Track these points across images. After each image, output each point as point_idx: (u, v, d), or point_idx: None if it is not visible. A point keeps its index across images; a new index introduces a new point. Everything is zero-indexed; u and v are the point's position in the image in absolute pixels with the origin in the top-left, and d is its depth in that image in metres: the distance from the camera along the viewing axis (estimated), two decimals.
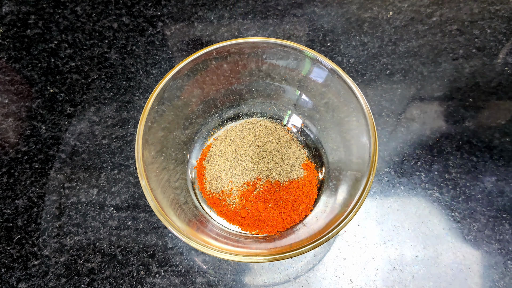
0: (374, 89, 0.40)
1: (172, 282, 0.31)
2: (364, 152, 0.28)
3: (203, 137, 0.36)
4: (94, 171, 0.36)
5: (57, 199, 0.34)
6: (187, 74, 0.31)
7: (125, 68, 0.42)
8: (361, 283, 0.31)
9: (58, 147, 0.37)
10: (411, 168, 0.36)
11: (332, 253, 0.32)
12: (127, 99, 0.40)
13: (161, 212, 0.25)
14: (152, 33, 0.44)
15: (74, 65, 0.42)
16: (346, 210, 0.25)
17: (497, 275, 0.31)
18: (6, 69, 0.41)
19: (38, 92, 0.40)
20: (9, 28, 0.44)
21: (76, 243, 0.32)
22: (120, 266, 0.31)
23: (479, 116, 0.39)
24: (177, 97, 0.31)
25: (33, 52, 0.43)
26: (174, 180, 0.31)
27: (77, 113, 0.39)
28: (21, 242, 0.32)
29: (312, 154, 0.35)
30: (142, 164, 0.26)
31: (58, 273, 0.31)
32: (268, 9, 0.46)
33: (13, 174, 0.35)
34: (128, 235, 0.33)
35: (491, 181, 0.35)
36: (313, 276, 0.31)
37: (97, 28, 0.44)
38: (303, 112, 0.36)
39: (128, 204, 0.34)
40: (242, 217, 0.32)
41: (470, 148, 0.37)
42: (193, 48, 0.43)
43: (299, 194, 0.32)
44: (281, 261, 0.32)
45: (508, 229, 0.33)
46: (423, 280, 0.31)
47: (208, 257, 0.32)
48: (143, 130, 0.27)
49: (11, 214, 0.34)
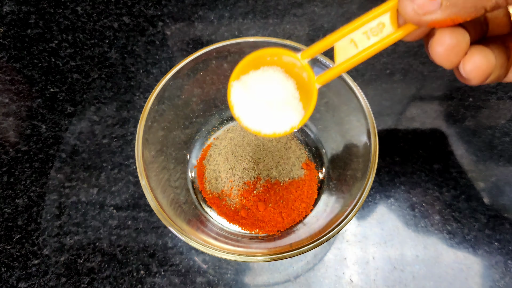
0: (374, 88, 0.40)
1: (172, 282, 0.31)
2: (364, 151, 0.28)
3: (203, 137, 0.36)
4: (94, 170, 0.36)
5: (57, 199, 0.34)
6: (187, 73, 0.31)
7: (126, 68, 0.42)
8: (362, 282, 0.31)
9: (58, 147, 0.37)
10: (411, 167, 0.36)
11: (332, 253, 0.32)
12: (127, 99, 0.40)
13: (161, 212, 0.25)
14: (152, 32, 0.44)
15: (74, 64, 0.42)
16: (346, 209, 0.25)
17: (498, 274, 0.31)
18: (6, 69, 0.41)
19: (39, 92, 0.40)
20: (10, 28, 0.44)
21: (76, 243, 0.32)
22: (120, 265, 0.31)
23: (479, 116, 0.39)
24: (177, 97, 0.31)
25: (33, 51, 0.43)
26: (174, 179, 0.31)
27: (78, 113, 0.39)
28: (21, 241, 0.32)
29: (313, 154, 0.35)
30: (142, 163, 0.26)
31: (58, 273, 0.31)
32: (268, 9, 0.46)
33: (13, 173, 0.36)
34: (128, 234, 0.33)
35: (492, 180, 0.35)
36: (313, 275, 0.31)
37: (97, 28, 0.44)
38: None
39: (128, 203, 0.34)
40: (242, 216, 0.32)
41: (470, 148, 0.37)
42: (194, 48, 0.43)
43: (299, 194, 0.32)
44: (281, 261, 0.32)
45: (508, 228, 0.33)
46: (424, 279, 0.31)
47: (208, 257, 0.32)
48: (143, 130, 0.27)
49: (11, 214, 0.34)
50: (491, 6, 0.16)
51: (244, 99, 0.22)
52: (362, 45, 0.20)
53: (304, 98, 0.23)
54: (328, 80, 0.22)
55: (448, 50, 0.18)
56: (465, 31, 0.18)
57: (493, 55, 0.19)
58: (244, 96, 0.22)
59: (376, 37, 0.20)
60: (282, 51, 0.22)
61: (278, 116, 0.22)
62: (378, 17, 0.20)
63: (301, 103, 0.23)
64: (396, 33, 0.20)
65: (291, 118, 0.22)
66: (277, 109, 0.22)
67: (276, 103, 0.22)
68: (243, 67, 0.22)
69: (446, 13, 0.17)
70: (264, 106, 0.22)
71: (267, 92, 0.22)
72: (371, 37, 0.20)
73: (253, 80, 0.22)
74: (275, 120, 0.22)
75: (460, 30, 0.18)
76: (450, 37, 0.18)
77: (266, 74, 0.22)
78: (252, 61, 0.22)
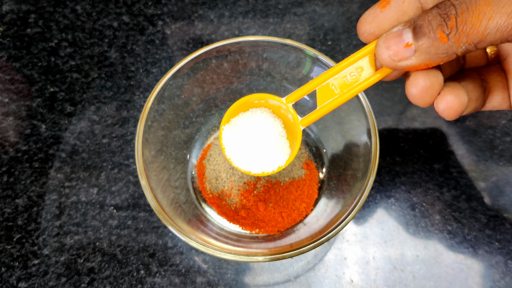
0: (375, 88, 0.40)
1: (172, 282, 0.31)
2: (365, 151, 0.28)
3: (203, 136, 0.36)
4: (94, 170, 0.36)
5: (57, 198, 0.34)
6: (187, 73, 0.30)
7: (125, 67, 0.42)
8: (362, 282, 0.31)
9: (58, 146, 0.37)
10: (412, 167, 0.36)
11: (332, 253, 0.32)
12: (127, 98, 0.40)
13: (161, 212, 0.25)
14: (152, 32, 0.44)
15: (74, 64, 0.42)
16: (346, 209, 0.25)
17: (498, 274, 0.31)
18: (6, 68, 0.41)
19: (38, 91, 0.40)
20: (9, 27, 0.44)
21: (76, 243, 0.32)
22: (120, 265, 0.31)
23: (480, 116, 0.39)
24: (177, 96, 0.31)
25: (33, 51, 0.42)
26: (174, 179, 0.31)
27: (77, 112, 0.39)
28: (21, 241, 0.32)
29: (313, 154, 0.35)
30: (142, 163, 0.26)
31: (58, 272, 0.31)
32: (269, 8, 0.46)
33: (13, 173, 0.35)
34: (128, 234, 0.33)
35: (492, 180, 0.35)
36: (313, 275, 0.31)
37: (97, 27, 0.44)
38: (303, 111, 0.36)
39: (128, 203, 0.34)
40: (242, 216, 0.32)
41: (470, 148, 0.37)
42: (193, 47, 0.43)
43: (299, 194, 0.32)
44: (282, 261, 0.32)
45: (508, 228, 0.33)
46: (424, 279, 0.31)
47: (208, 257, 0.32)
48: (143, 129, 0.27)
49: (11, 213, 0.34)
50: (462, 51, 0.17)
51: (234, 142, 0.24)
52: (342, 88, 0.22)
53: (290, 137, 0.25)
54: (311, 122, 0.23)
55: (422, 92, 0.19)
56: (438, 72, 0.19)
57: (465, 94, 0.20)
58: (234, 139, 0.24)
59: (355, 80, 0.21)
60: (268, 96, 0.24)
61: (267, 156, 0.24)
62: (356, 62, 0.21)
63: (288, 141, 0.25)
64: (374, 76, 0.21)
65: (278, 157, 0.24)
66: (266, 149, 0.24)
67: (264, 143, 0.24)
68: (233, 110, 0.24)
69: (420, 59, 0.18)
70: (253, 146, 0.24)
71: (256, 131, 0.24)
72: (350, 81, 0.21)
73: (243, 121, 0.24)
74: (263, 160, 0.24)
75: (433, 72, 0.19)
76: (424, 79, 0.19)
77: (255, 115, 0.24)
78: (241, 105, 0.24)
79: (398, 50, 0.18)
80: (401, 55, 0.18)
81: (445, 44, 0.17)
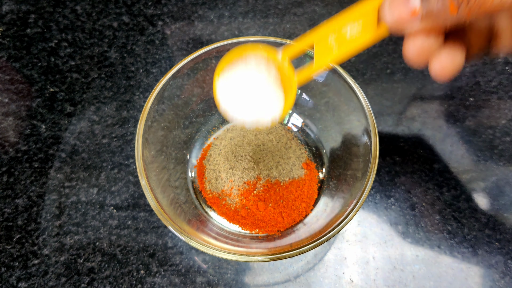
0: (375, 88, 0.40)
1: (172, 282, 0.31)
2: (364, 151, 0.28)
3: (203, 136, 0.36)
4: (94, 170, 0.36)
5: (57, 198, 0.34)
6: (187, 73, 0.30)
7: (125, 67, 0.42)
8: (362, 282, 0.31)
9: (58, 146, 0.37)
10: (411, 167, 0.36)
11: (332, 253, 0.32)
12: (127, 98, 0.40)
13: (161, 212, 0.25)
14: (152, 32, 0.44)
15: (74, 64, 0.42)
16: (346, 209, 0.25)
17: (498, 274, 0.31)
18: (6, 68, 0.41)
19: (38, 91, 0.40)
20: (9, 27, 0.44)
21: (76, 242, 0.32)
22: (120, 265, 0.31)
23: (480, 116, 0.39)
24: (177, 96, 0.31)
25: (33, 51, 0.43)
26: (174, 179, 0.31)
27: (77, 112, 0.39)
28: (21, 241, 0.32)
29: (313, 154, 0.35)
30: (142, 163, 0.26)
31: (58, 272, 0.31)
32: (269, 8, 0.46)
33: (13, 173, 0.35)
34: (128, 234, 0.33)
35: (492, 180, 0.35)
36: (313, 275, 0.31)
37: (97, 27, 0.44)
38: (303, 112, 0.36)
39: (128, 203, 0.34)
40: (242, 216, 0.32)
41: (470, 148, 0.37)
42: (193, 47, 0.43)
43: (299, 194, 0.32)
44: (281, 261, 0.32)
45: (508, 228, 0.33)
46: (424, 279, 0.31)
47: (208, 257, 0.32)
48: (143, 129, 0.27)
49: (11, 213, 0.34)
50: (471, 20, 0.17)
51: (228, 93, 0.23)
52: (341, 44, 0.21)
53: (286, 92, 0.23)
54: (307, 77, 0.22)
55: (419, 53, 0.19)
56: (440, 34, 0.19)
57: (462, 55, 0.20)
58: (229, 91, 0.23)
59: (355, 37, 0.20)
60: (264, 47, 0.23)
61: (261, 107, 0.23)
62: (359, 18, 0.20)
63: (283, 95, 0.23)
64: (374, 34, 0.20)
65: (273, 109, 0.23)
66: (260, 99, 0.23)
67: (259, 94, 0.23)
68: (227, 59, 0.23)
69: (425, 25, 0.17)
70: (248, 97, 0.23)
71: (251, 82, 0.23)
72: (349, 37, 0.20)
73: (237, 73, 0.23)
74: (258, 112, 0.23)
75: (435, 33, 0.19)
76: (423, 40, 0.19)
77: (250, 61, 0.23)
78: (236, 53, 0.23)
79: (403, 15, 0.17)
80: (407, 20, 0.17)
81: (453, 15, 0.16)
